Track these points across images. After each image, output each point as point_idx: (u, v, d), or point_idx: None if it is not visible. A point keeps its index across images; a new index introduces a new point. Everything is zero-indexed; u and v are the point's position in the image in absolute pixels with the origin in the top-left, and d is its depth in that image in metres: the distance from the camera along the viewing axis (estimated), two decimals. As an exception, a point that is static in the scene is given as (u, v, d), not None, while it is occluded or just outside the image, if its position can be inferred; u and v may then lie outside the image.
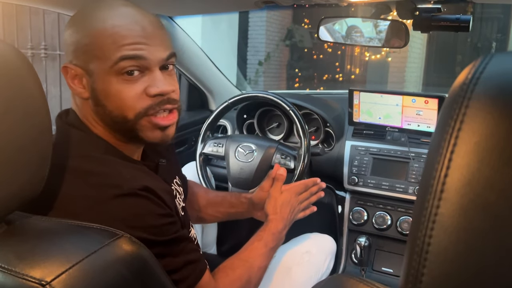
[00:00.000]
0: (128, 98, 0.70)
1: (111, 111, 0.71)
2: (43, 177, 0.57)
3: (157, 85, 0.71)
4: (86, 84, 0.72)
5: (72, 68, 0.71)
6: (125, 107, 0.70)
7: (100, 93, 0.71)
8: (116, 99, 0.70)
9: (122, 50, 0.68)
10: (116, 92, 0.70)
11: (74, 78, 0.72)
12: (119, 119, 0.71)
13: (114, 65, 0.68)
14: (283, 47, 6.89)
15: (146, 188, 0.68)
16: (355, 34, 1.26)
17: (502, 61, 0.31)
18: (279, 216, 0.99)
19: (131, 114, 0.71)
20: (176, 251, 0.72)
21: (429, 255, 0.29)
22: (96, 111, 0.73)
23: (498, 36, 6.86)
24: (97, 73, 0.70)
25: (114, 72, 0.69)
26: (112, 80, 0.69)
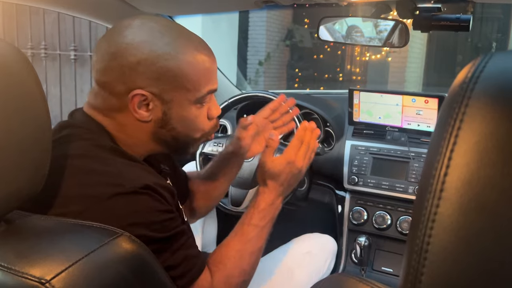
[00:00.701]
0: (200, 123, 0.80)
1: (180, 132, 0.78)
2: (43, 176, 0.57)
3: (216, 108, 0.82)
4: (153, 108, 0.74)
5: (145, 94, 0.72)
6: (195, 129, 0.80)
7: (174, 117, 0.76)
8: (190, 123, 0.78)
9: (210, 85, 0.77)
10: (193, 118, 0.78)
11: (139, 103, 0.73)
12: (183, 138, 0.80)
13: (202, 97, 0.77)
14: (283, 47, 6.89)
15: (147, 186, 0.69)
16: (356, 33, 1.26)
17: (502, 60, 0.30)
18: (269, 187, 0.87)
19: (198, 135, 0.81)
20: (176, 247, 0.72)
21: (428, 255, 0.29)
22: (157, 132, 0.77)
23: (498, 36, 6.86)
24: (178, 101, 0.75)
25: (198, 101, 0.77)
26: (192, 108, 0.77)
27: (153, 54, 0.71)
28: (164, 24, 0.74)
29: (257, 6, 1.12)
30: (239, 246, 0.84)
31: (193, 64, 0.74)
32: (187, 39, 0.75)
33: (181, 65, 0.72)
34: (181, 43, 0.73)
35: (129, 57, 0.70)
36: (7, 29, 3.94)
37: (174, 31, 0.74)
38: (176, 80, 0.73)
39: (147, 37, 0.71)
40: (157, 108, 0.74)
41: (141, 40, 0.71)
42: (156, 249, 0.62)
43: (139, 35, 0.71)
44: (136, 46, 0.71)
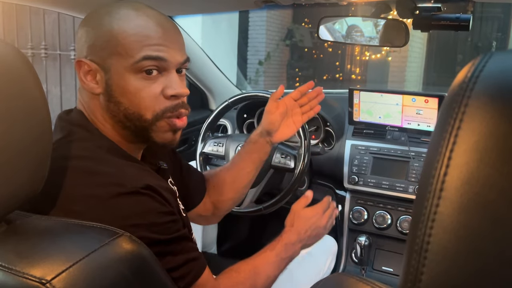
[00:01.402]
0: (147, 97, 0.72)
1: (127, 108, 0.73)
2: (43, 177, 0.57)
3: (174, 87, 0.74)
4: (99, 79, 0.73)
5: (86, 63, 0.72)
6: (142, 106, 0.72)
7: (115, 89, 0.72)
8: (133, 97, 0.72)
9: (145, 50, 0.70)
10: (134, 90, 0.72)
11: (87, 74, 0.73)
12: (134, 116, 0.73)
13: (136, 63, 0.70)
14: (283, 46, 6.89)
15: (148, 187, 0.69)
16: (356, 33, 1.26)
17: (502, 59, 0.31)
18: (294, 229, 0.96)
19: (149, 115, 0.73)
20: (177, 250, 0.72)
21: (428, 254, 0.29)
22: (108, 107, 0.74)
23: (498, 35, 6.86)
24: (115, 70, 0.71)
25: (134, 70, 0.71)
26: (130, 77, 0.71)
27: (93, 23, 0.73)
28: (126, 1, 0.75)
29: (257, 6, 1.12)
30: (258, 263, 0.88)
31: (125, 26, 0.71)
32: (134, 7, 0.73)
33: (111, 27, 0.71)
34: (122, 11, 0.72)
35: (79, 31, 0.74)
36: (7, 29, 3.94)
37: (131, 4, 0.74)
38: (108, 45, 0.71)
39: (96, 11, 0.74)
40: (102, 78, 0.73)
41: (91, 13, 0.75)
42: (157, 251, 0.62)
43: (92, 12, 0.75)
44: (85, 20, 0.75)
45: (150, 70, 0.71)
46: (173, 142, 0.78)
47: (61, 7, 1.24)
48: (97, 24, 0.72)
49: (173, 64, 0.74)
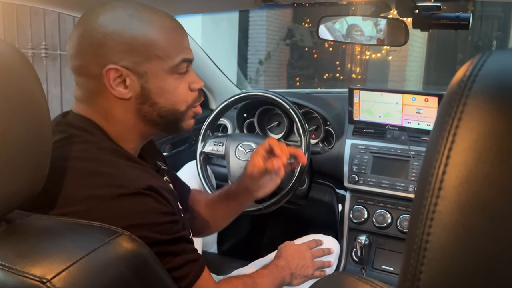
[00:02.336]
0: (182, 94, 0.79)
1: (162, 106, 0.77)
2: (43, 176, 0.57)
3: (197, 81, 0.82)
4: (131, 84, 0.73)
5: (118, 69, 0.71)
6: (178, 101, 0.79)
7: (153, 91, 0.75)
8: (170, 96, 0.77)
9: (183, 53, 0.77)
10: (172, 89, 0.77)
11: (115, 80, 0.72)
12: (169, 113, 0.79)
13: (176, 66, 0.76)
14: (283, 46, 6.89)
15: (150, 188, 0.69)
16: (356, 33, 1.26)
17: (500, 58, 0.31)
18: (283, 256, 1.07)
19: (183, 106, 0.80)
20: (178, 251, 0.72)
21: (427, 253, 0.29)
22: (140, 109, 0.76)
23: (498, 34, 6.86)
24: (153, 73, 0.74)
25: (172, 71, 0.76)
26: (168, 78, 0.76)
27: (118, 27, 0.72)
28: (127, 1, 0.76)
29: (257, 6, 1.12)
30: (254, 275, 0.95)
31: (161, 32, 0.74)
32: (151, 10, 0.76)
33: (148, 33, 0.72)
34: (146, 13, 0.74)
35: (97, 35, 0.72)
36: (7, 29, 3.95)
37: (138, 5, 0.75)
38: (146, 50, 0.72)
39: (111, 13, 0.73)
40: (134, 83, 0.73)
41: (105, 16, 0.73)
42: (158, 251, 0.62)
43: (103, 13, 0.73)
44: (100, 23, 0.72)
45: (185, 72, 0.79)
46: (193, 126, 0.86)
47: (61, 7, 1.24)
48: (127, 30, 0.71)
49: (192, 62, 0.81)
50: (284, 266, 1.04)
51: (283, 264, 1.04)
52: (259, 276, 0.96)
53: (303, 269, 1.08)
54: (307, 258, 1.10)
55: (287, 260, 1.06)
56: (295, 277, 1.06)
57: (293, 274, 1.05)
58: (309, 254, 1.12)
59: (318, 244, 1.18)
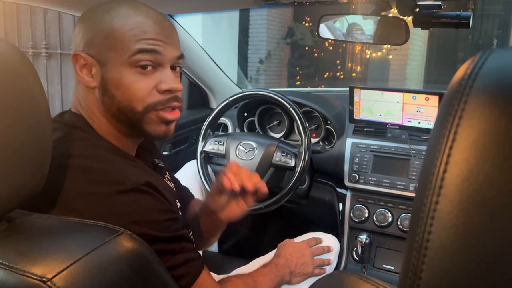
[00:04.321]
0: (140, 90, 0.73)
1: (120, 101, 0.74)
2: (43, 175, 0.57)
3: (168, 82, 0.75)
4: (95, 73, 0.74)
5: (82, 57, 0.73)
6: (134, 99, 0.73)
7: (110, 82, 0.73)
8: (126, 90, 0.73)
9: (140, 43, 0.72)
10: (128, 83, 0.73)
11: (83, 67, 0.74)
12: (126, 109, 0.74)
13: (131, 57, 0.72)
14: (284, 45, 6.88)
15: (148, 184, 0.69)
16: (356, 31, 1.25)
17: (501, 56, 0.30)
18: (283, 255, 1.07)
19: (140, 106, 0.74)
20: (177, 249, 0.72)
21: (428, 251, 0.29)
22: (103, 100, 0.75)
23: (499, 33, 6.85)
24: (111, 63, 0.72)
25: (129, 63, 0.72)
26: (126, 71, 0.72)
27: (92, 19, 0.74)
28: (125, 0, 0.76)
29: (257, 4, 1.12)
30: (254, 274, 0.96)
31: (123, 23, 0.72)
32: (132, 6, 0.75)
33: (111, 24, 0.73)
34: (120, 8, 0.74)
35: (77, 26, 0.75)
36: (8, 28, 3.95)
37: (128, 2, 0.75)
38: (106, 40, 0.72)
39: (94, 8, 0.76)
40: (98, 72, 0.74)
41: (88, 10, 0.76)
42: (157, 249, 0.62)
43: (91, 9, 0.76)
44: (83, 17, 0.76)
45: (145, 66, 0.73)
46: (167, 134, 0.79)
47: (61, 7, 1.24)
48: (97, 20, 0.74)
49: (167, 59, 0.75)
50: (283, 265, 1.04)
51: (282, 262, 1.05)
52: (259, 275, 0.96)
53: (302, 267, 1.08)
54: (306, 256, 1.10)
55: (286, 259, 1.06)
56: (294, 275, 1.06)
57: (293, 273, 1.05)
58: (309, 252, 1.12)
59: (318, 242, 1.18)
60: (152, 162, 0.88)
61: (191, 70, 1.71)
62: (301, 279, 1.08)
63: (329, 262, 1.15)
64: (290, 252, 1.09)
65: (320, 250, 1.15)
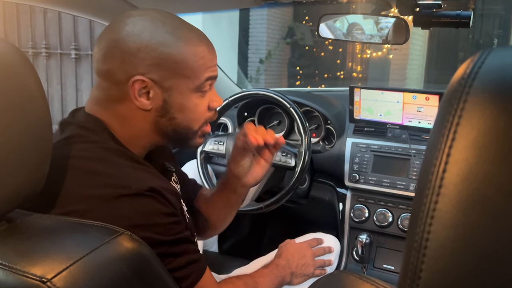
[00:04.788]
0: (200, 112, 0.79)
1: (179, 122, 0.78)
2: (43, 175, 0.57)
3: (217, 100, 0.82)
4: (154, 96, 0.74)
5: (145, 81, 0.72)
6: (194, 120, 0.79)
7: (174, 106, 0.76)
8: (190, 113, 0.78)
9: (208, 72, 0.77)
10: (193, 107, 0.78)
11: (140, 91, 0.73)
12: (183, 129, 0.79)
13: (201, 85, 0.77)
14: (284, 44, 6.88)
15: (152, 189, 0.69)
16: (356, 31, 1.25)
17: (501, 55, 0.30)
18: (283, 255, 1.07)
19: (196, 126, 0.80)
20: (179, 251, 0.72)
21: (427, 251, 0.29)
22: (158, 122, 0.77)
23: (499, 32, 6.84)
24: (178, 89, 0.75)
25: (196, 89, 0.77)
26: (192, 96, 0.77)
27: (153, 41, 0.72)
28: (165, 15, 0.76)
29: (257, 4, 1.12)
30: (255, 275, 0.96)
31: (194, 52, 0.74)
32: (188, 28, 0.76)
33: (181, 52, 0.73)
34: (182, 32, 0.75)
35: (130, 44, 0.71)
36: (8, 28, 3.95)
37: (176, 21, 0.76)
38: (177, 67, 0.73)
39: (149, 25, 0.73)
40: (158, 96, 0.74)
41: (143, 27, 0.72)
42: (160, 252, 0.62)
43: (140, 24, 0.73)
44: (137, 33, 0.72)
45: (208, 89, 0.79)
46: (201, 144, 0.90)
47: (61, 7, 1.24)
48: (160, 43, 0.72)
49: None
50: (284, 265, 1.04)
51: (283, 263, 1.04)
52: (260, 275, 0.96)
53: (303, 268, 1.08)
54: (307, 257, 1.10)
55: (287, 259, 1.06)
56: (295, 276, 1.06)
57: (294, 273, 1.05)
58: (310, 252, 1.12)
59: (319, 242, 1.17)
60: (162, 165, 0.87)
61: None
62: (302, 280, 1.08)
63: (330, 263, 1.15)
64: (291, 253, 1.08)
65: (321, 251, 1.15)
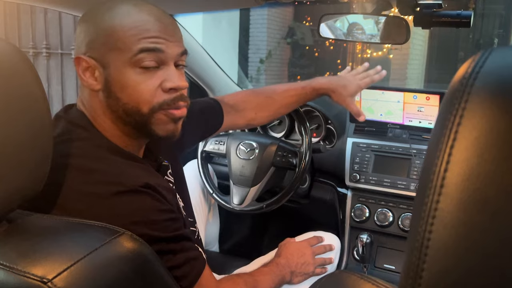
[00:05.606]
0: (145, 91, 0.72)
1: (126, 103, 0.72)
2: (44, 175, 0.57)
3: (172, 80, 0.73)
4: (98, 76, 0.72)
5: (85, 60, 0.72)
6: (140, 100, 0.72)
7: (115, 84, 0.72)
8: (132, 92, 0.71)
9: (142, 42, 0.70)
10: (134, 84, 0.71)
11: (86, 70, 0.73)
12: (133, 111, 0.73)
13: (134, 57, 0.70)
14: (284, 44, 6.88)
15: (147, 185, 0.69)
16: (357, 31, 1.25)
17: (502, 55, 0.30)
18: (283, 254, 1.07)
19: (146, 108, 0.72)
20: (177, 249, 0.72)
21: (429, 251, 0.29)
22: (108, 103, 0.73)
23: (500, 32, 6.84)
24: (114, 65, 0.71)
25: (132, 63, 0.70)
26: (129, 71, 0.71)
27: (91, 19, 0.73)
28: None
29: (258, 4, 1.12)
30: (255, 273, 0.96)
31: (125, 22, 0.70)
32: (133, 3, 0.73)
33: (112, 23, 0.71)
34: (116, 5, 0.72)
35: (77, 27, 0.74)
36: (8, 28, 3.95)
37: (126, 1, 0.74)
38: (108, 40, 0.70)
39: (93, 7, 0.74)
40: (101, 74, 0.72)
41: (89, 10, 0.74)
42: (157, 249, 0.62)
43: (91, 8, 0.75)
44: (84, 16, 0.74)
45: (148, 65, 0.71)
46: (175, 133, 0.77)
47: (62, 7, 1.24)
48: (98, 20, 0.72)
49: (170, 56, 0.73)
50: (284, 264, 1.04)
51: (283, 262, 1.04)
52: (260, 274, 0.96)
53: (303, 266, 1.07)
54: (307, 255, 1.10)
55: (287, 258, 1.06)
56: (295, 275, 1.05)
57: (294, 272, 1.05)
58: (310, 251, 1.11)
59: (319, 240, 1.17)
60: (156, 161, 0.86)
61: (191, 70, 1.71)
62: (302, 279, 1.07)
63: (330, 261, 1.15)
64: (291, 252, 1.08)
65: (321, 249, 1.15)
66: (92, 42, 0.72)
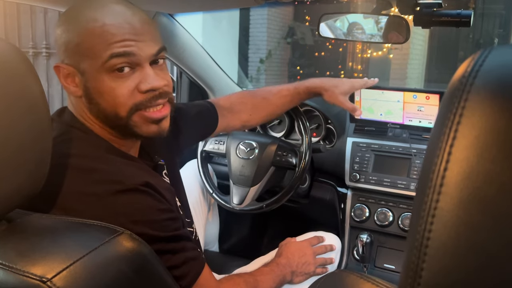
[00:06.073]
0: (121, 95, 0.71)
1: (105, 108, 0.72)
2: (43, 175, 0.57)
3: (148, 81, 0.72)
4: (79, 82, 0.72)
5: (64, 68, 0.72)
6: (117, 105, 0.71)
7: (93, 91, 0.71)
8: (109, 97, 0.71)
9: (111, 48, 0.69)
10: (109, 90, 0.70)
11: (67, 77, 0.73)
12: (112, 116, 0.72)
13: (105, 63, 0.69)
14: (284, 44, 6.88)
15: (147, 184, 0.69)
16: (357, 30, 1.25)
17: (502, 54, 0.30)
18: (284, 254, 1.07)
19: (123, 111, 0.72)
20: (176, 248, 0.72)
21: (428, 250, 0.29)
22: (90, 109, 0.74)
23: (500, 31, 6.84)
24: (89, 72, 0.70)
25: (105, 70, 0.70)
26: (104, 78, 0.70)
27: (65, 24, 0.72)
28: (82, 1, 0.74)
29: (258, 3, 1.12)
30: (256, 273, 0.96)
31: (90, 30, 0.69)
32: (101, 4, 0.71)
33: (80, 31, 0.70)
34: (83, 13, 0.71)
35: (55, 32, 0.73)
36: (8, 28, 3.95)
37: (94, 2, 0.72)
38: (79, 49, 0.70)
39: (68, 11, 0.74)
40: (80, 81, 0.72)
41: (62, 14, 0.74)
42: (157, 249, 0.62)
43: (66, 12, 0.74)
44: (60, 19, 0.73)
45: (122, 68, 0.70)
46: (160, 132, 0.77)
47: (62, 7, 1.24)
48: (70, 27, 0.71)
49: (144, 57, 0.71)
50: (285, 264, 1.04)
51: (284, 262, 1.04)
52: (260, 274, 0.96)
53: (304, 266, 1.07)
54: (308, 255, 1.10)
55: (287, 258, 1.06)
56: (296, 275, 1.05)
57: (294, 272, 1.05)
58: (311, 251, 1.11)
59: (320, 240, 1.17)
60: (152, 161, 0.87)
61: (191, 70, 1.71)
62: (303, 279, 1.07)
63: (331, 261, 1.15)
64: (292, 252, 1.08)
65: (322, 249, 1.15)
66: (68, 50, 0.71)
